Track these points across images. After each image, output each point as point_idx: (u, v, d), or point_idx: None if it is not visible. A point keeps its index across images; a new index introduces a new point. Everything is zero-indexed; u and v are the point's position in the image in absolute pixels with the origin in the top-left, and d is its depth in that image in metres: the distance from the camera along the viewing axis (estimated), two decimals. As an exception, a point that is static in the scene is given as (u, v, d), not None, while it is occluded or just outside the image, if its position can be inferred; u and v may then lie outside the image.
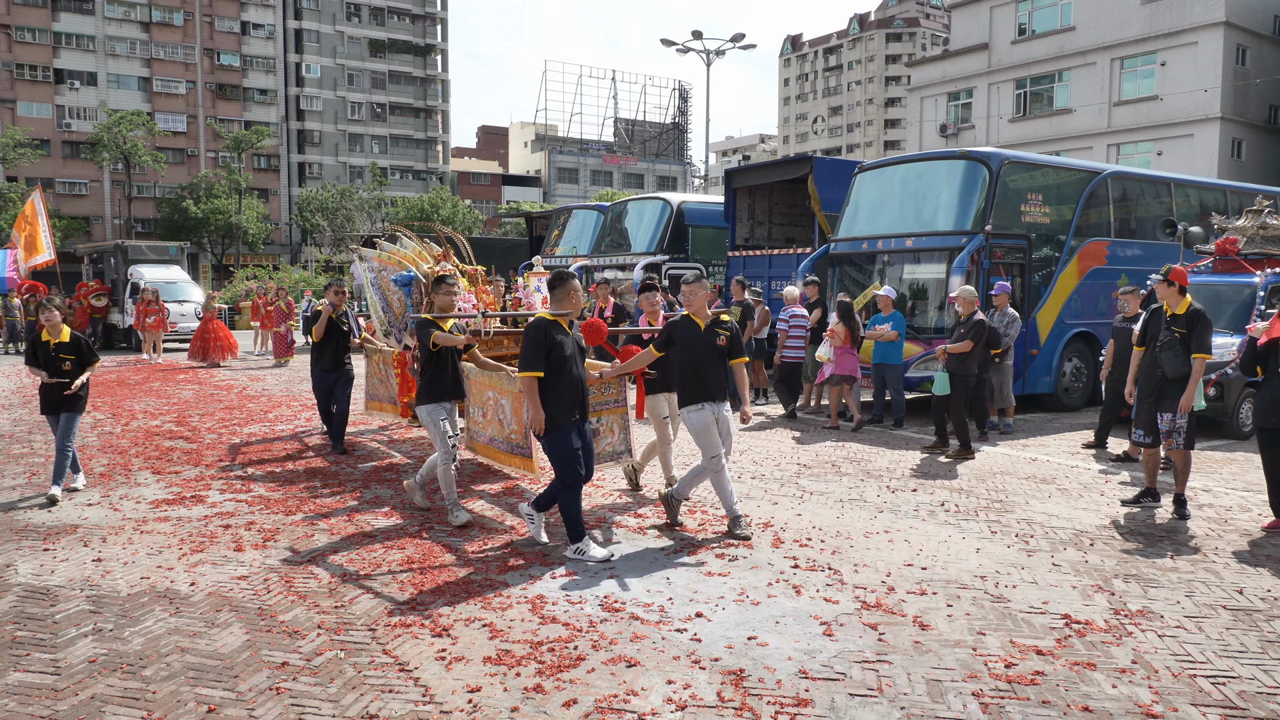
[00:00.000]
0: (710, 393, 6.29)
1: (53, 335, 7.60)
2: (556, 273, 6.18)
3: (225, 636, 4.57)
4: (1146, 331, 7.21)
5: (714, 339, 6.33)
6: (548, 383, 5.78)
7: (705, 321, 6.39)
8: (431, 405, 6.74)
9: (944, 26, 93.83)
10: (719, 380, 6.36)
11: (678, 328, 6.40)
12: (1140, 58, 29.82)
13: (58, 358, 7.54)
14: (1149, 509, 7.16)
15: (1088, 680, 4.08)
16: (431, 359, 6.77)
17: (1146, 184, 13.87)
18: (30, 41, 60.47)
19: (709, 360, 6.31)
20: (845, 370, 11.19)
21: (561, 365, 5.82)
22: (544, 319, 5.93)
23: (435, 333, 6.73)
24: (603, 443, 7.21)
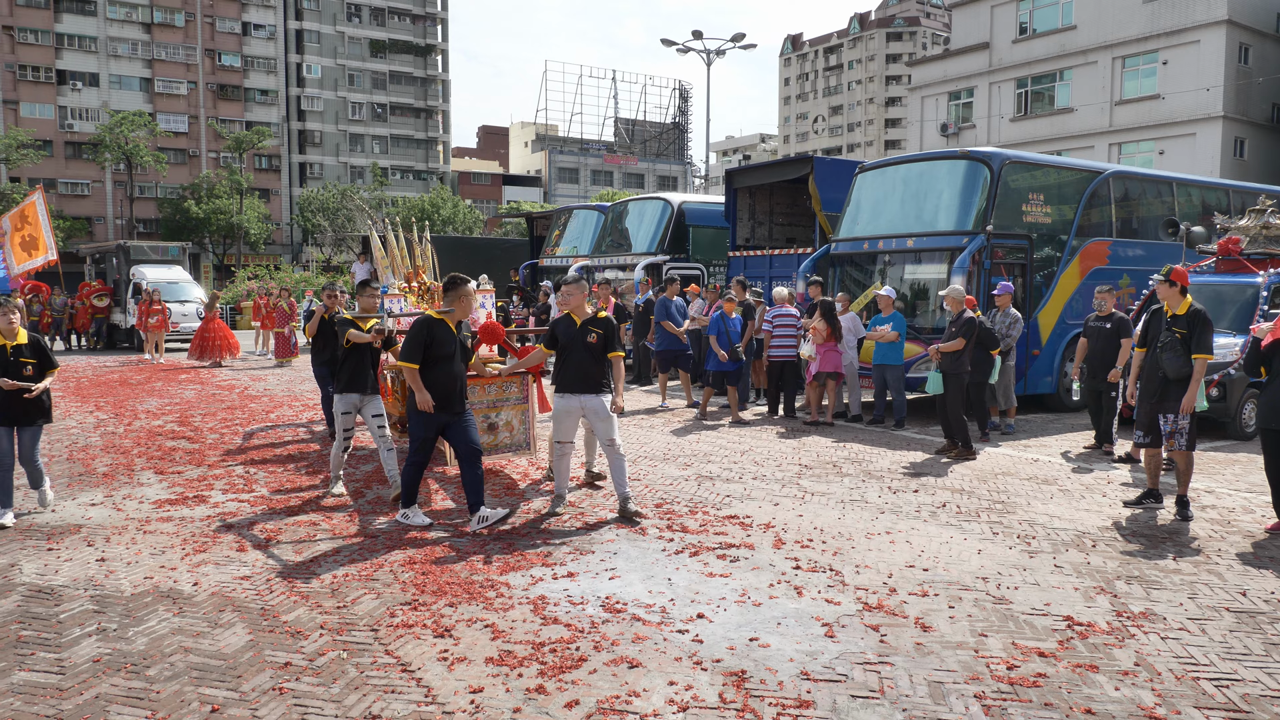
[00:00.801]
0: (574, 384, 6.86)
1: (8, 338, 6.74)
2: (450, 276, 6.83)
3: (228, 636, 4.58)
4: (1148, 332, 7.21)
5: (586, 335, 6.84)
6: (423, 375, 6.45)
7: (581, 319, 6.91)
8: (340, 395, 7.51)
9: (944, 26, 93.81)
10: (588, 373, 6.85)
11: (559, 325, 6.99)
12: (1142, 56, 29.81)
13: (17, 362, 6.70)
14: (1151, 510, 7.16)
15: (1090, 682, 4.08)
16: (348, 354, 7.48)
17: (1148, 183, 13.86)
18: (33, 43, 60.51)
19: (579, 354, 6.83)
20: (828, 367, 11.40)
21: (436, 361, 6.45)
22: (430, 317, 6.57)
23: (350, 330, 7.47)
24: (501, 435, 8.03)
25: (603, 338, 6.88)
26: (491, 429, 8.14)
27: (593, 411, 6.91)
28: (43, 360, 6.84)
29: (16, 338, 6.75)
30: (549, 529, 6.57)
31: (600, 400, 6.90)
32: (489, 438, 8.10)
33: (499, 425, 8.03)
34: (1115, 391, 9.42)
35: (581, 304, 7.03)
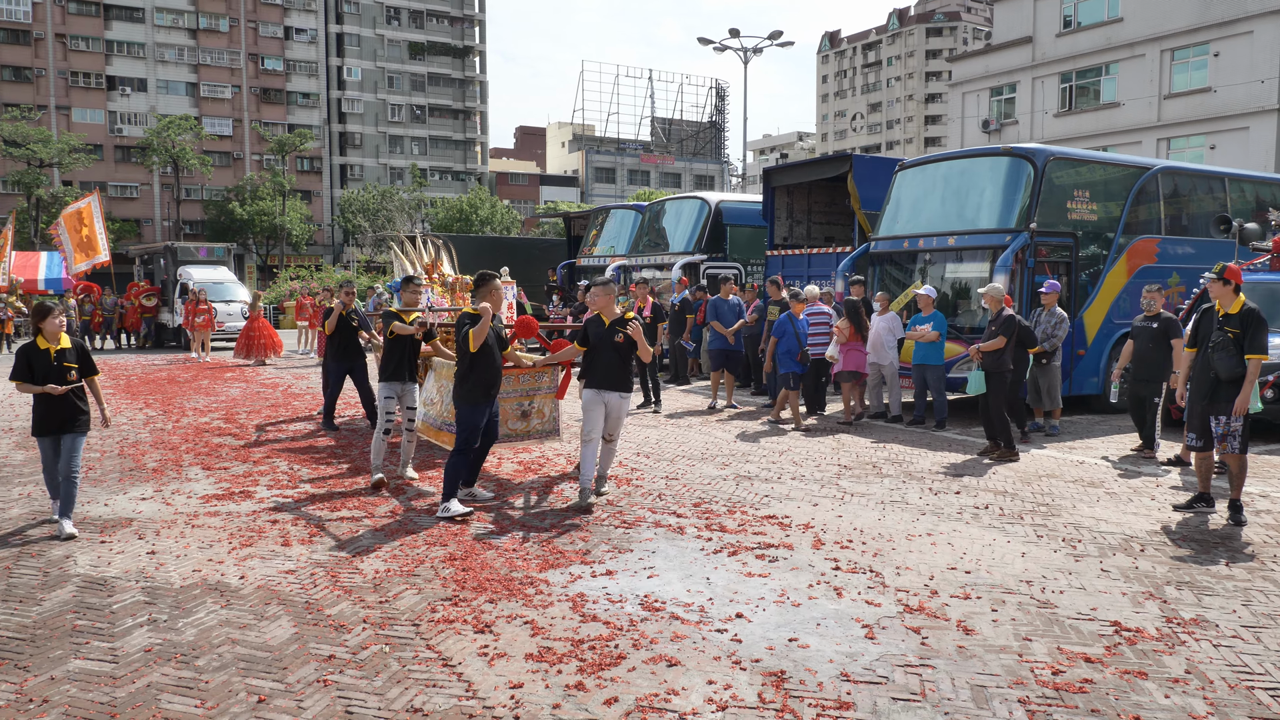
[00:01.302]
0: (601, 381, 7.22)
1: (52, 342, 6.49)
2: (479, 274, 7.28)
3: (274, 629, 4.65)
4: (1198, 332, 7.06)
5: (613, 335, 7.18)
6: (470, 366, 6.85)
7: (610, 320, 7.25)
8: (382, 384, 8.00)
9: (986, 20, 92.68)
10: (614, 371, 7.22)
11: (590, 325, 7.36)
12: (1192, 49, 29.17)
13: (62, 367, 6.46)
14: (1203, 515, 7.02)
15: (1139, 689, 4.01)
16: (390, 345, 7.99)
17: (1199, 179, 13.57)
18: (84, 50, 61.91)
19: (607, 354, 7.18)
20: (851, 366, 11.48)
21: (479, 353, 6.84)
22: (468, 313, 7.00)
23: (395, 323, 8.00)
24: (533, 423, 8.53)
25: (629, 337, 7.16)
26: (524, 416, 8.60)
27: (613, 408, 7.29)
28: (85, 365, 6.62)
29: (61, 342, 6.56)
30: (588, 526, 6.59)
31: (622, 400, 7.31)
32: (522, 424, 8.55)
33: (531, 412, 8.49)
34: (1159, 396, 9.19)
35: (610, 305, 7.36)
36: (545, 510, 7.12)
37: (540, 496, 7.61)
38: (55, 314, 6.55)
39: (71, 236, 24.01)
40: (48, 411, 6.44)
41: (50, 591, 5.22)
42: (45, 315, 6.53)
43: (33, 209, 51.28)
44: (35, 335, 6.52)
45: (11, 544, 6.18)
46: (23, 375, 6.40)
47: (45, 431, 6.46)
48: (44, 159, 52.14)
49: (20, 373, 6.41)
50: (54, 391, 6.33)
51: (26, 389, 6.42)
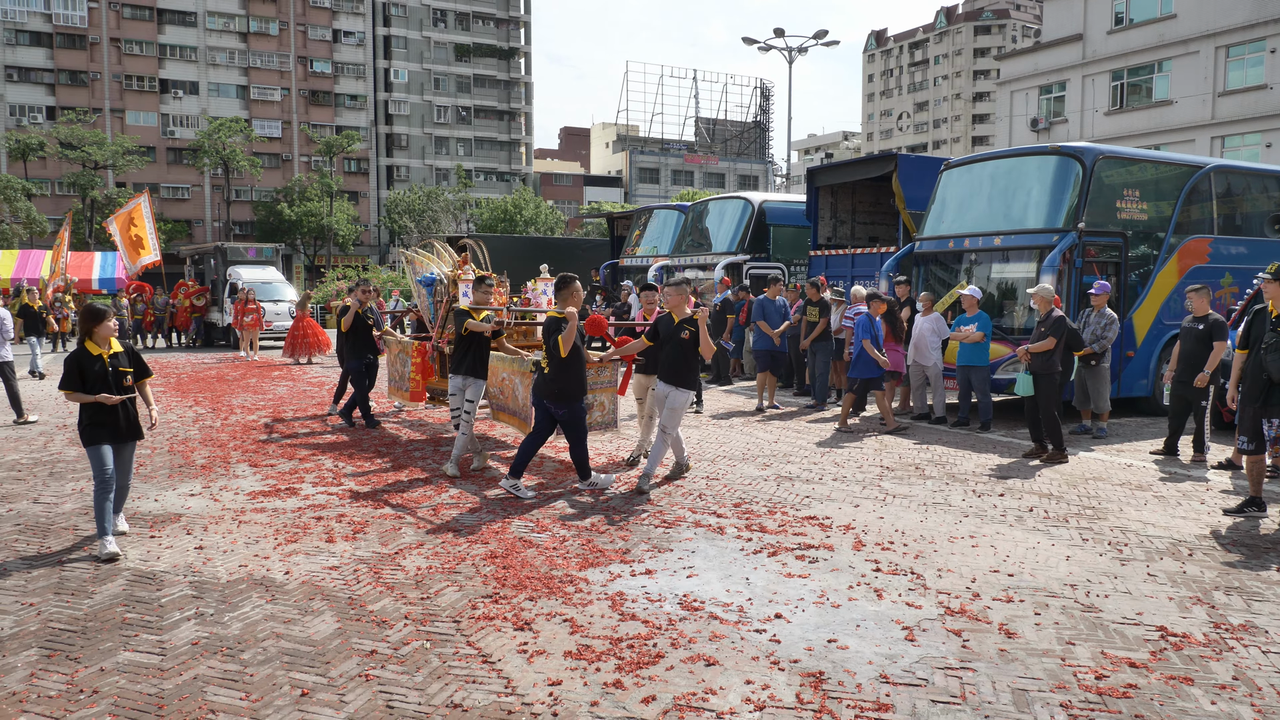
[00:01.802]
0: (664, 373, 7.85)
1: (103, 347, 6.15)
2: (560, 276, 7.78)
3: (317, 624, 4.73)
4: (1250, 333, 6.90)
5: (680, 332, 7.74)
6: (572, 364, 7.41)
7: (680, 318, 7.79)
8: (455, 377, 8.50)
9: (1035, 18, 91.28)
10: (675, 366, 7.79)
11: (661, 321, 7.92)
12: (1248, 45, 28.47)
13: (117, 372, 6.12)
14: (1253, 519, 6.86)
15: (1184, 695, 3.94)
16: (462, 341, 8.45)
17: (1253, 178, 13.24)
18: (138, 54, 63.38)
19: (672, 348, 7.78)
20: (890, 366, 11.38)
21: (570, 356, 7.37)
22: (554, 317, 7.48)
23: (468, 320, 8.43)
24: (594, 415, 8.75)
25: (694, 335, 7.70)
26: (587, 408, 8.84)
27: (660, 397, 7.87)
28: (138, 368, 6.32)
29: (112, 347, 6.20)
30: (628, 526, 6.61)
31: (679, 394, 7.77)
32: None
33: (593, 405, 8.76)
34: (1205, 400, 9.00)
35: (683, 304, 7.84)
36: (594, 503, 7.15)
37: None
38: (109, 318, 6.19)
39: (123, 236, 24.59)
40: (100, 420, 6.05)
41: (101, 585, 5.36)
42: (99, 320, 6.13)
43: (88, 210, 52.59)
44: (83, 340, 6.14)
45: (64, 538, 6.35)
46: (74, 384, 5.99)
47: (97, 440, 6.04)
48: (99, 161, 53.46)
49: (71, 381, 6.00)
50: (109, 401, 5.98)
51: (79, 398, 6.01)
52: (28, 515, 6.92)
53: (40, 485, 7.94)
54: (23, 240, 48.17)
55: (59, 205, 55.57)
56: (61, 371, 6.11)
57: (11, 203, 47.90)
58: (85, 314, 6.20)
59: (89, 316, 6.17)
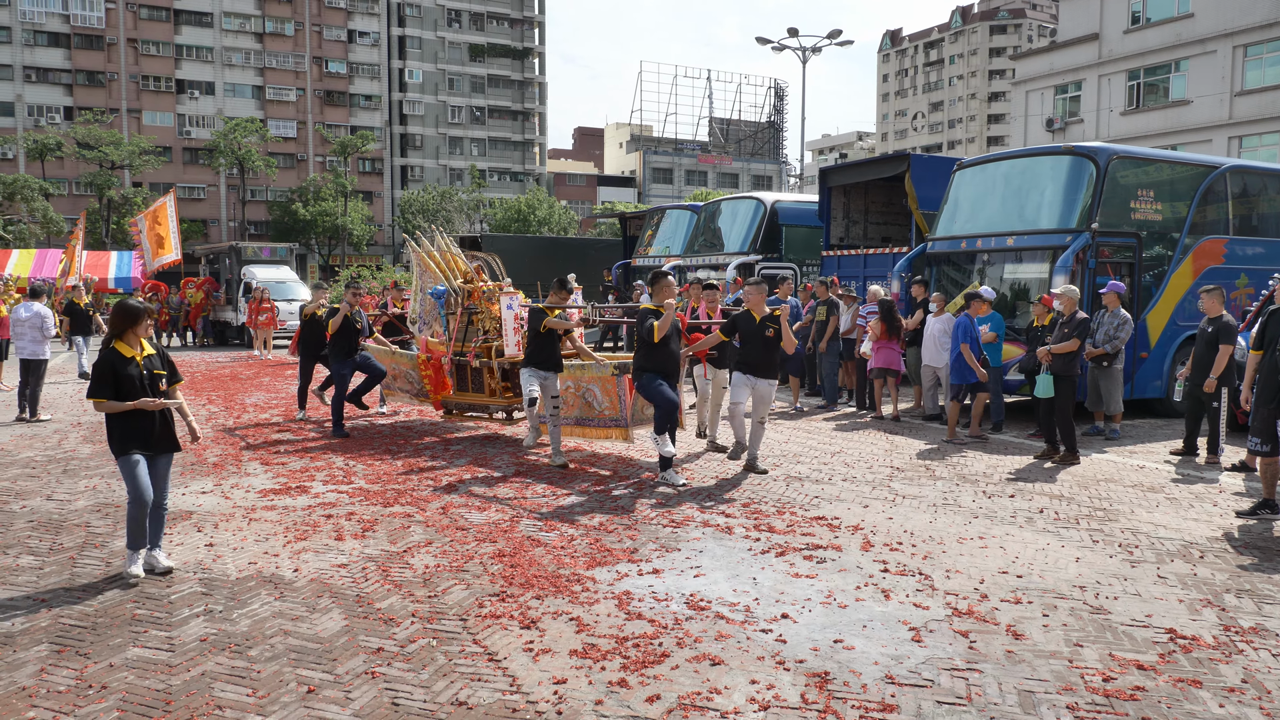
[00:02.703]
0: (753, 368, 8.29)
1: (136, 348, 5.50)
2: (655, 272, 8.39)
3: (325, 621, 4.75)
4: (1265, 334, 6.85)
5: (764, 329, 8.24)
6: (650, 352, 8.00)
7: (760, 315, 8.28)
8: (529, 369, 8.68)
9: (1051, 17, 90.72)
10: (764, 360, 8.31)
11: (740, 319, 8.35)
12: (1266, 44, 28.22)
13: (152, 375, 5.49)
14: (1266, 521, 6.81)
15: (1193, 698, 3.91)
16: (538, 338, 8.68)
17: (1270, 178, 13.12)
18: (154, 54, 63.77)
19: (757, 345, 8.27)
20: (883, 364, 11.68)
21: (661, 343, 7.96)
22: (646, 309, 8.11)
23: (546, 319, 8.65)
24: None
25: (778, 332, 8.24)
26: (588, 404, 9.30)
27: (760, 394, 8.35)
28: (172, 371, 5.70)
29: (145, 348, 5.57)
30: (636, 525, 6.61)
31: (770, 387, 8.39)
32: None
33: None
34: (1218, 401, 8.98)
35: (761, 302, 8.39)
36: (603, 503, 7.15)
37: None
38: (145, 316, 5.55)
39: (148, 234, 24.79)
40: (135, 427, 5.41)
41: (112, 581, 5.39)
42: (135, 319, 5.46)
43: (104, 210, 52.95)
44: (112, 340, 5.48)
45: (76, 535, 6.40)
46: (106, 391, 5.31)
47: (130, 449, 5.40)
48: (115, 161, 53.81)
49: (103, 387, 5.31)
50: (151, 406, 5.37)
51: (112, 407, 5.33)
52: (41, 512, 6.98)
53: (54, 482, 8.01)
54: (40, 240, 48.54)
55: (76, 205, 55.93)
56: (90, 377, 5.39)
57: (29, 203, 48.27)
58: (120, 312, 5.51)
59: (124, 315, 5.48)
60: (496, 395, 10.14)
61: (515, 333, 9.57)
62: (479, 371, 10.29)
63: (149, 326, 5.61)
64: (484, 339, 10.33)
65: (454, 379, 10.63)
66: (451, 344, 10.51)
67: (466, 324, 10.60)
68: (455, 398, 10.55)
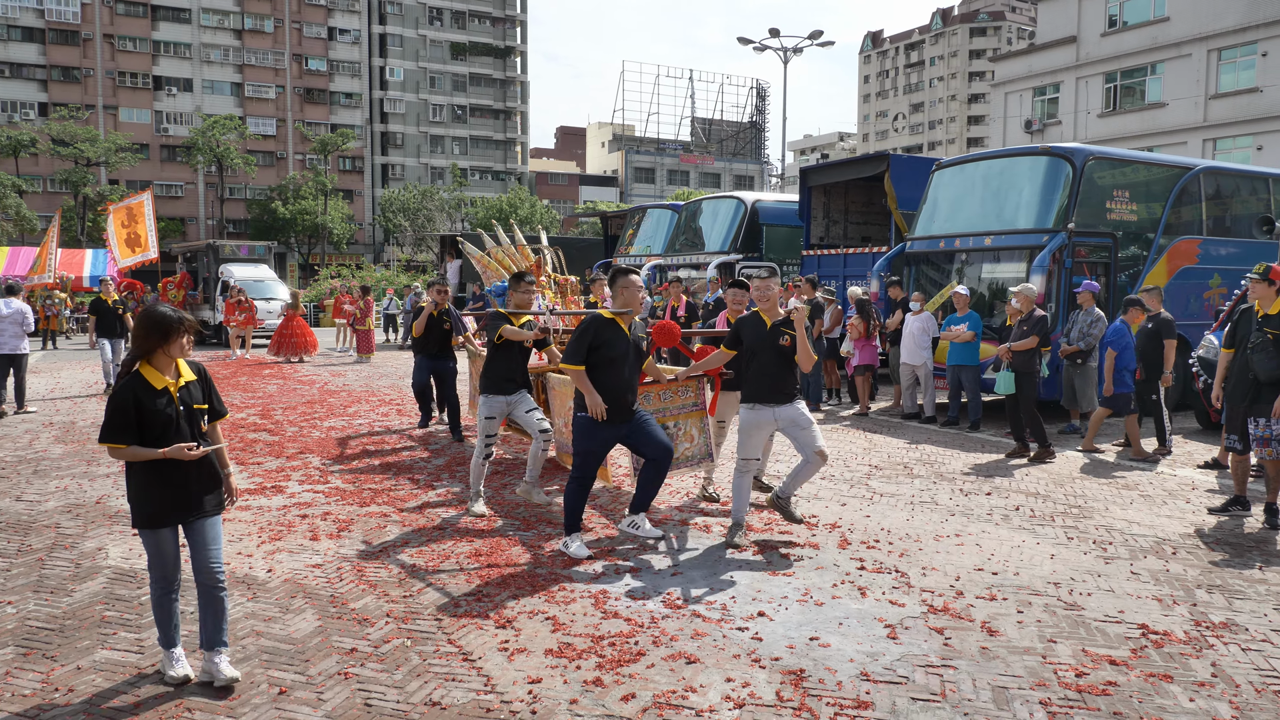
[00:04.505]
0: (765, 394, 6.07)
1: (168, 374, 3.91)
2: (614, 269, 6.16)
3: (298, 622, 4.71)
4: (1236, 333, 6.92)
5: (778, 338, 6.06)
6: (592, 379, 5.80)
7: (772, 320, 6.14)
8: (486, 396, 6.94)
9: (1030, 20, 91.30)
10: (780, 381, 6.07)
11: (745, 325, 6.22)
12: (1239, 48, 28.54)
13: (190, 411, 3.95)
14: (1238, 518, 6.87)
15: (1163, 693, 3.94)
16: (496, 351, 6.95)
17: (1242, 179, 13.28)
18: (131, 50, 63.20)
19: (770, 359, 6.06)
20: (864, 361, 12.01)
21: (606, 364, 5.80)
22: (599, 315, 5.96)
23: (504, 326, 6.91)
24: (681, 448, 6.96)
25: (794, 340, 6.07)
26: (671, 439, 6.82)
27: (791, 422, 6.09)
28: (214, 404, 4.15)
29: (182, 372, 3.99)
30: (615, 525, 6.59)
31: (797, 408, 6.12)
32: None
33: (678, 436, 6.96)
34: (1157, 394, 9.37)
35: (774, 303, 6.20)
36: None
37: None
38: (183, 330, 3.90)
39: (118, 231, 24.52)
40: (167, 484, 3.90)
41: (81, 583, 5.33)
42: (168, 333, 3.86)
43: (80, 207, 52.41)
44: (137, 362, 3.87)
45: (45, 536, 6.32)
46: (125, 433, 3.79)
47: (160, 519, 3.93)
48: (91, 158, 53.29)
49: (121, 429, 3.78)
50: (188, 455, 3.84)
51: (134, 456, 3.82)
52: (9, 513, 6.89)
53: (24, 483, 7.91)
54: (12, 238, 47.99)
55: (50, 202, 55.35)
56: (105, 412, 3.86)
57: (1, 200, 47.72)
58: (148, 325, 3.87)
59: (153, 327, 3.86)
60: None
61: None
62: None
63: (188, 344, 3.96)
64: None
65: None
66: None
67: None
68: None
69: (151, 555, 4.02)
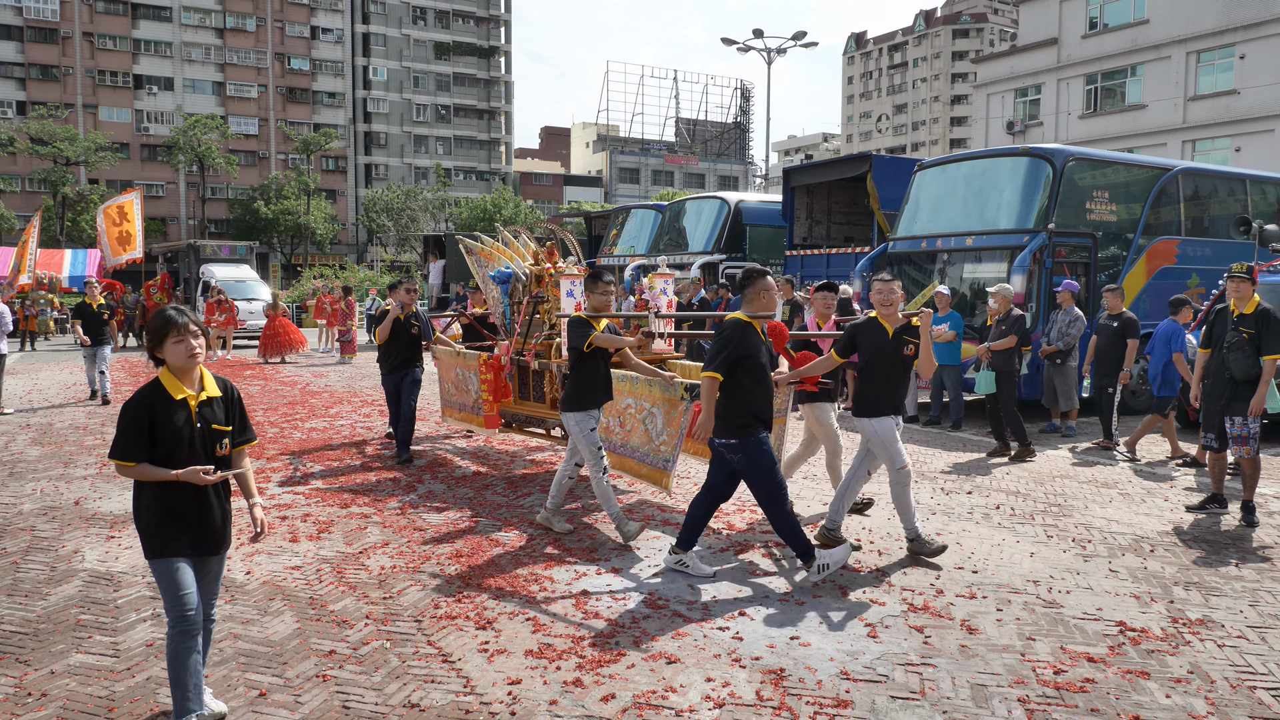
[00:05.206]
0: (893, 403, 5.84)
1: (190, 385, 3.56)
2: (747, 270, 5.48)
3: (277, 624, 4.68)
4: (1213, 332, 6.98)
5: (902, 347, 5.77)
6: (740, 389, 5.24)
7: (894, 327, 5.79)
8: (581, 414, 6.10)
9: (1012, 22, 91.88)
10: (901, 389, 5.90)
11: (864, 332, 5.84)
12: (1217, 50, 28.80)
13: (207, 431, 3.56)
14: (1215, 515, 6.93)
15: (1140, 689, 3.96)
16: (582, 361, 6.16)
17: (1220, 180, 13.40)
18: (111, 48, 62.68)
19: (894, 368, 5.80)
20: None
21: (756, 372, 5.28)
22: (740, 320, 5.34)
23: (594, 334, 6.10)
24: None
25: (918, 349, 5.82)
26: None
27: (880, 432, 5.85)
28: (240, 425, 3.74)
29: (206, 386, 3.61)
30: (596, 525, 6.57)
31: (898, 424, 5.96)
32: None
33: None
34: (1114, 389, 9.58)
35: (895, 309, 5.83)
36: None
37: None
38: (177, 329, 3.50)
39: (110, 230, 24.38)
40: (180, 510, 3.52)
41: (56, 586, 5.27)
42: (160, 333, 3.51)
43: (59, 207, 51.93)
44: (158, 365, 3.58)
45: (21, 539, 6.25)
46: (137, 450, 3.43)
47: (174, 549, 3.50)
48: (70, 157, 52.78)
49: (133, 445, 3.42)
50: (204, 480, 3.47)
51: (146, 475, 3.46)
52: (-14, 515, 6.81)
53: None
54: (-9, 237, 47.53)
55: (29, 202, 54.84)
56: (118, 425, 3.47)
57: (-20, 199, 47.24)
58: (149, 325, 3.56)
59: (152, 329, 3.53)
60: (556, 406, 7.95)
61: None
62: (539, 375, 8.22)
63: (199, 348, 3.59)
64: (549, 334, 8.14)
65: (514, 384, 8.65)
66: (513, 339, 8.49)
67: (532, 316, 8.51)
68: (516, 407, 8.54)
69: (165, 591, 3.49)
